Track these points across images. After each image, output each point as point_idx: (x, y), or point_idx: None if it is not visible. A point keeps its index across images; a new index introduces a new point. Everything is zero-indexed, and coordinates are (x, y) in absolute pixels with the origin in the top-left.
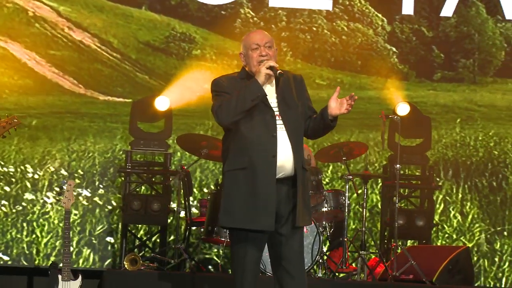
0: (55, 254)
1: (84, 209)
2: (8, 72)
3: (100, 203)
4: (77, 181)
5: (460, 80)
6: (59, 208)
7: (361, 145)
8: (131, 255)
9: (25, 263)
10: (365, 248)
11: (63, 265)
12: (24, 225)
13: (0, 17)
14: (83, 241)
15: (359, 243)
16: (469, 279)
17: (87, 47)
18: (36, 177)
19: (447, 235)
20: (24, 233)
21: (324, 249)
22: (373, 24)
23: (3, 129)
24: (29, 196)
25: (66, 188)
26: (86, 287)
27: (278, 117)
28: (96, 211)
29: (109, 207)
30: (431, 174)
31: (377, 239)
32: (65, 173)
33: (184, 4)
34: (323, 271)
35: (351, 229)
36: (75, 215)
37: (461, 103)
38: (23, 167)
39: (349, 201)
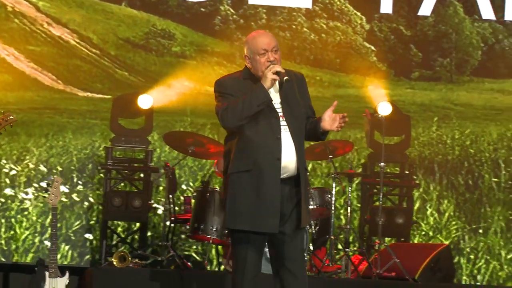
0: (33, 250)
1: (62, 205)
2: None
3: (78, 199)
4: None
5: (437, 79)
6: (38, 204)
7: (347, 143)
8: (119, 252)
9: (2, 259)
10: (349, 245)
11: (50, 262)
12: (2, 221)
13: None
14: (61, 238)
15: (343, 241)
16: (450, 277)
17: (66, 43)
18: (14, 173)
19: (423, 232)
20: (2, 229)
21: (310, 247)
22: (352, 22)
23: None
24: (7, 192)
25: (53, 184)
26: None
27: (282, 118)
28: (74, 207)
29: (87, 204)
30: (411, 172)
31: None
32: (44, 169)
33: (164, 0)
34: (307, 269)
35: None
36: None
37: (438, 102)
38: (1, 163)
39: (335, 199)
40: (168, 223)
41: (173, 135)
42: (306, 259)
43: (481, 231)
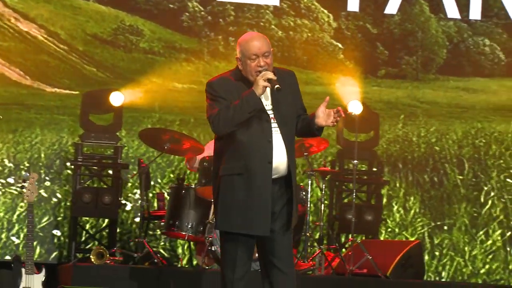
0: (0, 246)
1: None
2: None
3: (45, 195)
4: (23, 173)
5: (403, 77)
6: (5, 200)
7: (322, 140)
8: (98, 248)
9: None
10: (322, 242)
11: (27, 259)
12: None
13: None
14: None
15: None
16: (420, 273)
17: (34, 38)
18: None
19: (389, 229)
20: None
21: None
22: (319, 20)
23: None
24: None
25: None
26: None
27: (273, 120)
28: (42, 203)
29: (55, 200)
30: (379, 169)
31: (326, 233)
32: (11, 165)
33: None
34: None
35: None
36: (21, 207)
37: (404, 100)
38: None
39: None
40: (137, 219)
41: (148, 132)
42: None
43: (446, 227)
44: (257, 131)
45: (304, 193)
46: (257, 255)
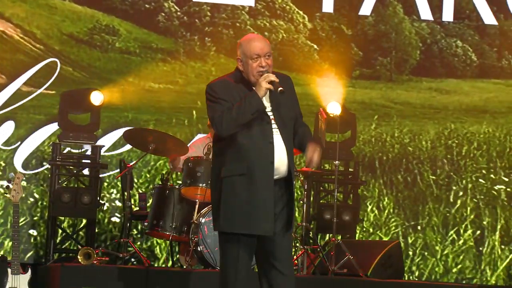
0: None
1: (5, 201)
2: None
3: (22, 195)
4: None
5: (377, 77)
6: None
7: None
8: (85, 249)
9: None
10: (306, 242)
11: (13, 259)
12: None
13: None
14: (5, 233)
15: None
16: (400, 273)
17: (10, 38)
18: None
19: (364, 229)
20: None
21: None
22: (294, 21)
23: None
24: None
25: (14, 181)
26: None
27: (273, 121)
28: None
29: (31, 200)
30: (356, 169)
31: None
32: None
33: None
34: None
35: None
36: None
37: (378, 100)
38: None
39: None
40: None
41: (133, 133)
42: None
43: (419, 227)
44: (258, 132)
45: None
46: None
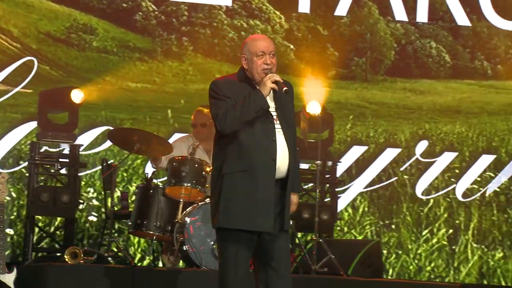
0: None
1: None
2: None
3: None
4: None
5: (352, 78)
6: None
7: None
8: (72, 248)
9: None
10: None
11: None
12: None
13: None
14: None
15: None
16: (379, 272)
17: None
18: None
19: (338, 228)
20: None
21: None
22: (271, 21)
23: None
24: None
25: None
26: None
27: (276, 121)
28: None
29: (8, 198)
30: (334, 169)
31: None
32: None
33: None
34: None
35: None
36: None
37: (353, 100)
38: None
39: None
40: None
41: (118, 132)
42: None
43: (393, 226)
44: (260, 130)
45: None
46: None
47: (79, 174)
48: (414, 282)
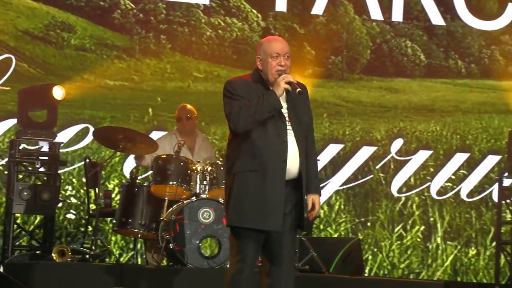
0: None
1: None
2: None
3: None
4: None
5: (329, 76)
6: None
7: None
8: (59, 246)
9: None
10: None
11: None
12: None
13: None
14: None
15: None
16: (360, 269)
17: None
18: None
19: (314, 225)
20: None
21: None
22: (248, 19)
23: None
24: None
25: None
26: None
27: (288, 122)
28: None
29: None
30: None
31: None
32: None
33: None
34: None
35: None
36: None
37: (329, 99)
38: None
39: None
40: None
41: (103, 131)
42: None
43: (369, 224)
44: (272, 131)
45: None
46: None
47: (59, 172)
48: (397, 280)
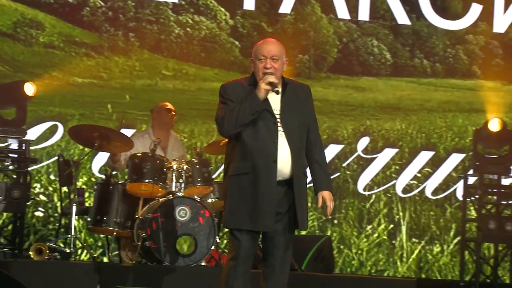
0: None
1: None
2: None
3: None
4: None
5: (297, 74)
6: None
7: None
8: (37, 244)
9: None
10: None
11: None
12: None
13: None
14: None
15: None
16: (330, 267)
17: None
18: None
19: None
20: None
21: (217, 240)
22: (216, 18)
23: None
24: None
25: None
26: None
27: (279, 123)
28: None
29: None
30: None
31: None
32: None
33: None
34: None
35: None
36: None
37: None
38: None
39: None
40: (37, 214)
41: (78, 129)
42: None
43: (336, 221)
44: (263, 132)
45: None
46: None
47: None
48: (370, 277)
